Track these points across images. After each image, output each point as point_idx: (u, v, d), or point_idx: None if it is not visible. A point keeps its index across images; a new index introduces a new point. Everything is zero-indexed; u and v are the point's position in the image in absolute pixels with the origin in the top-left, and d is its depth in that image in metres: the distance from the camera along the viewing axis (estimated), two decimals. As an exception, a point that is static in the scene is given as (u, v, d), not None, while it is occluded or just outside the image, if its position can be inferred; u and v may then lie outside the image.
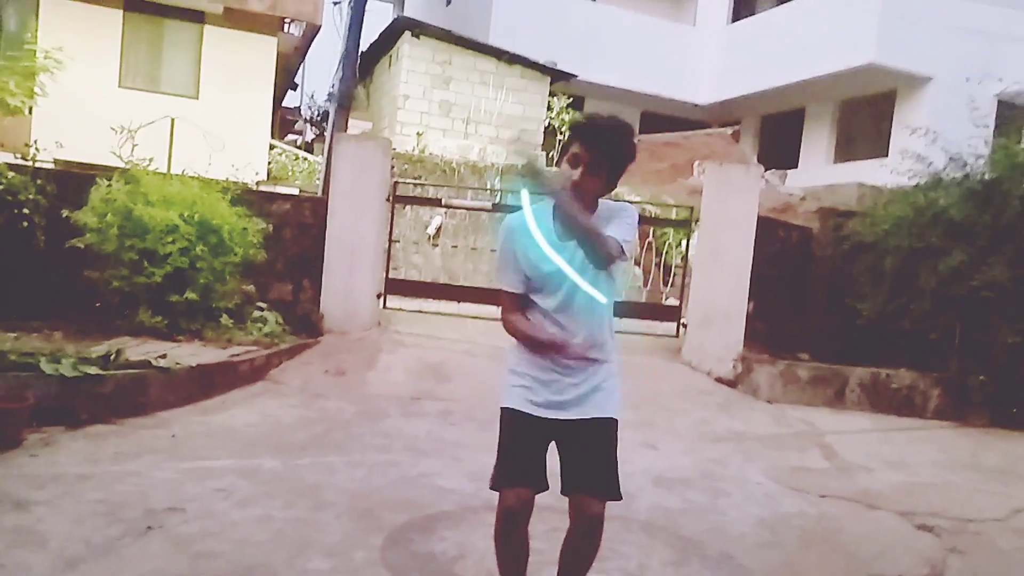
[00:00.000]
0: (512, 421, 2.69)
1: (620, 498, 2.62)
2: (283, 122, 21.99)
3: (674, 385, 7.10)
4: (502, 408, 2.73)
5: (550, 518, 3.05)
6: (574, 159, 2.49)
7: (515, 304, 2.68)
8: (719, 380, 7.49)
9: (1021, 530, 4.27)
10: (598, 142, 2.47)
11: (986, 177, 7.54)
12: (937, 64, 15.78)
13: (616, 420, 2.64)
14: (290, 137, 21.80)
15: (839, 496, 4.67)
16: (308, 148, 20.20)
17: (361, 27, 9.61)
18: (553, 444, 2.67)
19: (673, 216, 9.54)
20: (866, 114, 18.14)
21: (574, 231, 2.37)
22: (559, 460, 2.64)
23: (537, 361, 2.64)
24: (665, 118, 20.46)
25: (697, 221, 8.16)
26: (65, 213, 6.73)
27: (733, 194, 7.79)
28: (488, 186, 11.72)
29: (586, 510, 2.58)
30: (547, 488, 2.61)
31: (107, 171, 7.39)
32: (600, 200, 2.58)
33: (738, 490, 4.58)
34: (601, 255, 2.38)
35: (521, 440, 2.65)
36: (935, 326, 7.33)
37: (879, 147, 16.99)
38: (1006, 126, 8.34)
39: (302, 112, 24.78)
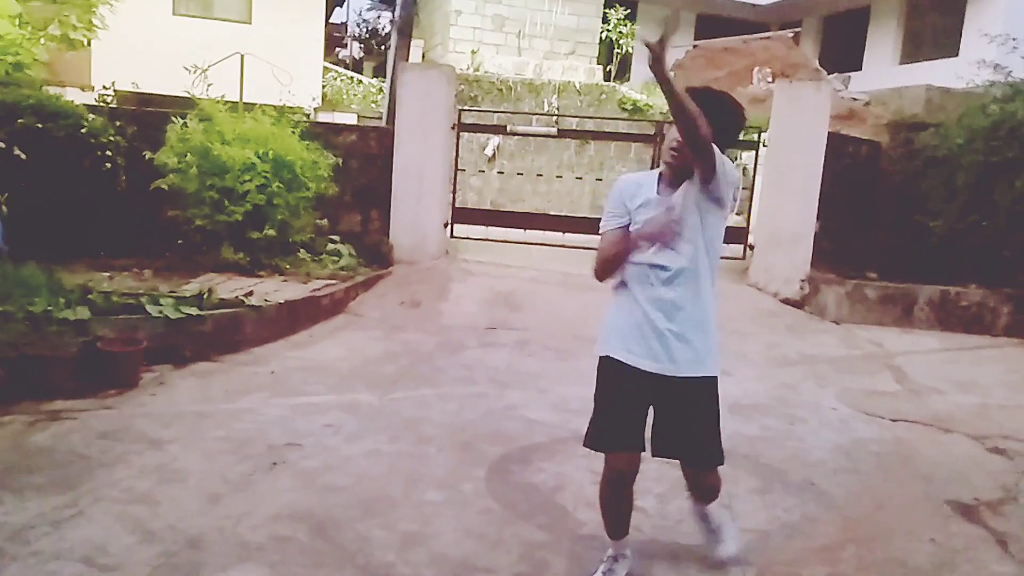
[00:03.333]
0: (611, 372, 2.69)
1: (723, 461, 2.73)
2: (330, 39, 21.87)
3: (742, 307, 7.21)
4: (600, 357, 2.73)
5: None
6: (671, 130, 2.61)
7: (615, 238, 2.70)
8: (786, 301, 7.58)
9: (1094, 452, 4.38)
10: (709, 107, 2.52)
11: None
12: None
13: (716, 378, 2.69)
14: (339, 54, 21.73)
15: (912, 420, 4.81)
16: (356, 67, 20.14)
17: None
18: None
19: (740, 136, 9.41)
20: (935, 11, 17.38)
21: (671, 96, 2.39)
22: (654, 419, 2.70)
23: (634, 309, 2.66)
24: (723, 21, 19.85)
25: (764, 140, 8.09)
26: (148, 155, 6.97)
27: (802, 112, 7.70)
28: (545, 105, 11.68)
29: (701, 482, 2.80)
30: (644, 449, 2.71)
31: (173, 102, 7.55)
32: None
33: (813, 416, 4.75)
34: (694, 128, 2.40)
35: (622, 394, 2.66)
36: (1008, 243, 7.28)
37: (949, 47, 16.34)
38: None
39: (348, 29, 24.59)
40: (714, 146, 2.46)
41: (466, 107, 9.36)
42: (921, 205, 7.99)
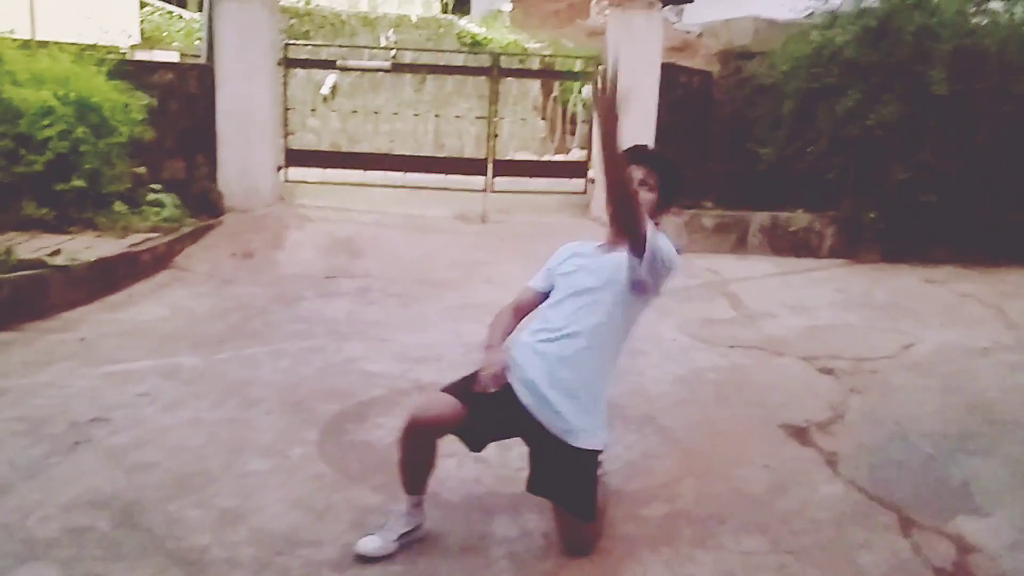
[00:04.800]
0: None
1: (593, 519, 2.57)
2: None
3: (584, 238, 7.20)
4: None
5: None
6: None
7: (521, 297, 2.85)
8: (628, 233, 7.64)
9: (910, 365, 4.64)
10: (659, 167, 2.64)
11: (879, 12, 7.62)
12: None
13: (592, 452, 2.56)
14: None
15: (747, 345, 4.95)
16: (180, 1, 18.66)
17: None
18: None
19: (576, 67, 9.34)
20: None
21: (611, 162, 2.32)
22: (529, 453, 2.62)
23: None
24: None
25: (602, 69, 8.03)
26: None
27: (636, 41, 7.66)
28: (382, 40, 11.19)
29: (569, 534, 2.59)
30: (479, 447, 2.61)
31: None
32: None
33: (654, 348, 4.79)
34: (629, 211, 2.36)
35: (492, 397, 2.51)
36: (831, 167, 7.60)
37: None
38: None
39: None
40: (654, 230, 2.41)
41: (293, 42, 8.77)
42: (751, 133, 8.21)
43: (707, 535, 2.73)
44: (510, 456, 3.21)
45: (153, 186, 7.22)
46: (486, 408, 2.49)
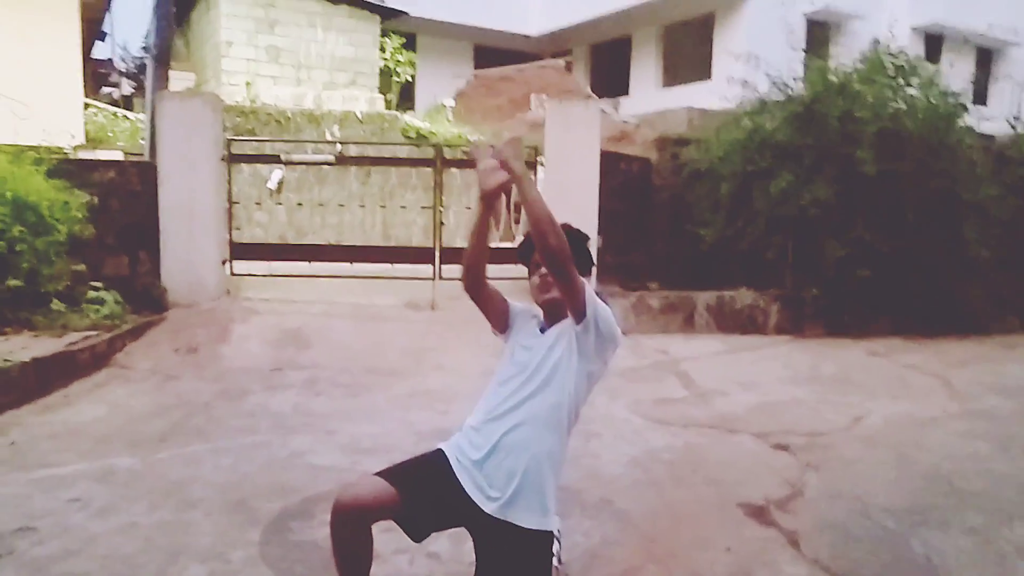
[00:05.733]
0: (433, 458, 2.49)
1: None
2: (95, 75, 20.16)
3: (535, 326, 7.20)
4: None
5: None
6: (535, 264, 2.57)
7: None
8: (577, 316, 7.66)
9: (864, 438, 4.67)
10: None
11: (805, 98, 7.97)
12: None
13: (546, 533, 2.40)
14: (105, 91, 20.12)
15: (700, 424, 4.93)
16: (127, 104, 18.72)
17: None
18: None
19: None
20: (689, 38, 18.75)
21: (529, 204, 2.31)
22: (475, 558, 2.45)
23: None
24: (499, 52, 20.43)
25: (541, 160, 8.20)
26: None
27: (575, 130, 7.87)
28: (327, 136, 11.30)
29: None
30: (419, 537, 2.44)
31: None
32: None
33: (608, 430, 4.74)
34: (550, 239, 2.29)
35: (426, 473, 2.43)
36: (771, 246, 7.79)
37: (703, 70, 17.68)
38: (816, 45, 8.83)
39: (115, 64, 22.87)
40: (588, 290, 2.38)
41: (236, 137, 8.80)
42: (691, 216, 8.41)
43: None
44: (463, 550, 3.09)
45: (94, 284, 7.06)
46: (422, 493, 2.37)
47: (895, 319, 7.70)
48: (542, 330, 2.58)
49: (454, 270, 8.02)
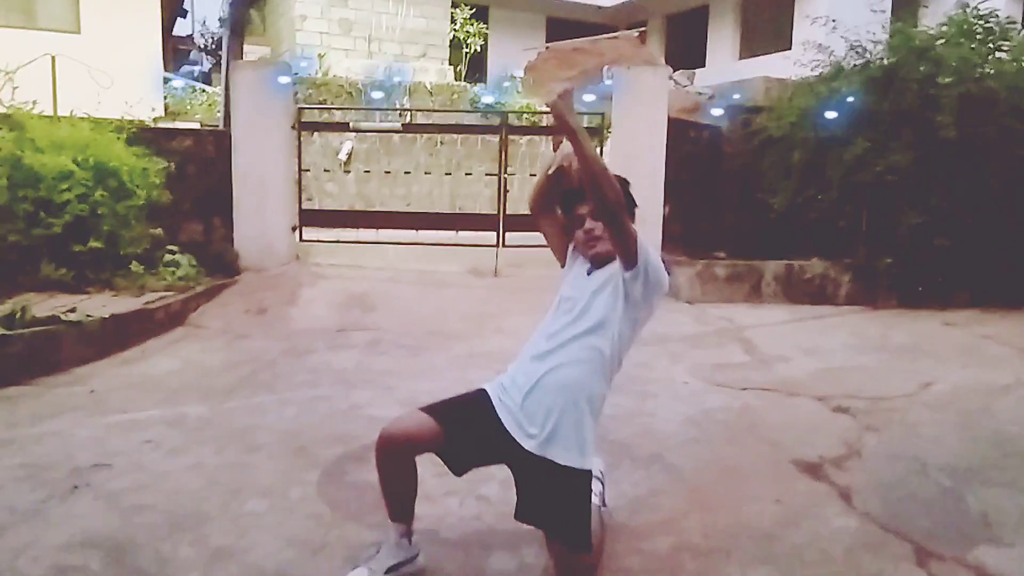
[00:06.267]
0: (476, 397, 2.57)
1: (587, 550, 2.43)
2: (176, 52, 20.84)
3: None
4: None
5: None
6: (579, 219, 2.57)
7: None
8: (641, 284, 7.61)
9: (929, 403, 4.53)
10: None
11: (885, 63, 7.69)
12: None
13: (584, 471, 2.45)
14: (185, 68, 20.74)
15: (760, 387, 4.85)
16: (205, 79, 19.27)
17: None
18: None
19: (584, 123, 9.46)
20: (768, 7, 18.22)
21: (584, 158, 2.32)
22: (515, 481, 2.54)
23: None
24: (571, 23, 20.23)
25: (609, 127, 8.14)
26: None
27: (642, 97, 7.78)
28: (397, 105, 11.41)
29: (565, 568, 2.45)
30: (461, 471, 2.54)
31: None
32: None
33: (665, 391, 4.72)
34: (608, 192, 2.31)
35: (469, 411, 2.51)
36: (843, 215, 7.58)
37: (782, 40, 17.15)
38: (902, 9, 8.49)
39: (195, 41, 23.53)
40: (640, 238, 2.40)
41: (306, 105, 8.98)
42: (762, 184, 8.23)
43: (712, 568, 2.64)
44: (512, 494, 3.13)
45: (170, 247, 7.34)
46: (464, 429, 2.44)
47: (974, 291, 7.40)
48: (588, 272, 2.58)
49: (517, 237, 8.08)
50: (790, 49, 16.39)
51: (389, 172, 9.88)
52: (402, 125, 8.51)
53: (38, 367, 4.93)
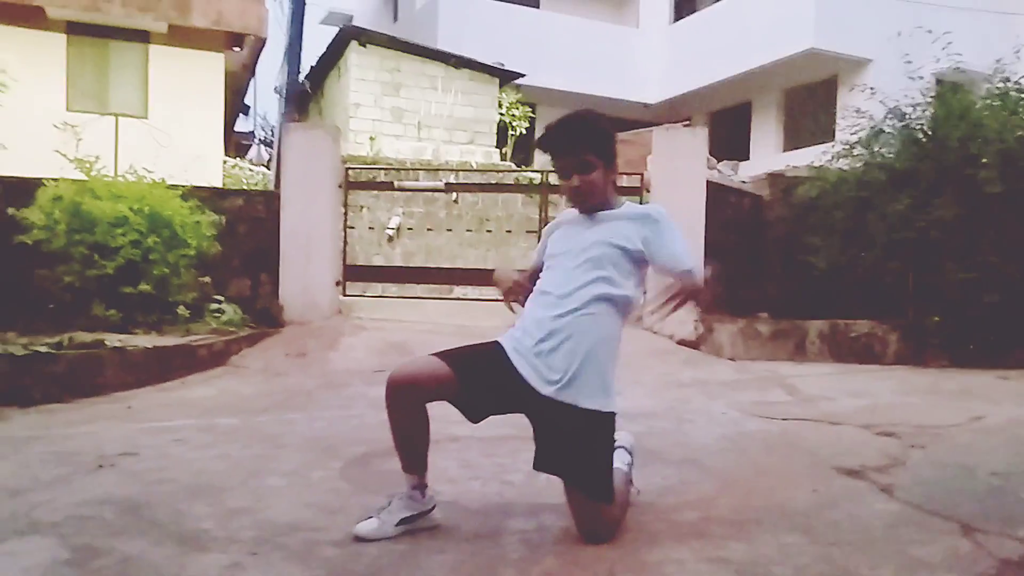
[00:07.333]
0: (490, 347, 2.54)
1: (609, 501, 2.43)
2: (237, 147, 21.82)
3: (637, 348, 7.07)
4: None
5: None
6: (561, 171, 2.59)
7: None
8: (681, 342, 7.51)
9: (979, 430, 4.32)
10: (561, 142, 2.56)
11: (924, 127, 7.71)
12: (875, 46, 15.89)
13: (604, 414, 2.45)
14: (247, 157, 21.67)
15: (801, 418, 4.69)
16: (265, 167, 20.06)
17: (303, 17, 9.62)
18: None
19: (623, 183, 9.57)
20: (810, 101, 18.48)
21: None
22: (533, 431, 2.52)
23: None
24: (617, 120, 20.62)
25: (648, 188, 8.23)
26: (11, 211, 6.62)
27: (680, 156, 7.87)
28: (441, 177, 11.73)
29: (584, 518, 2.42)
30: (476, 418, 2.52)
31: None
32: (621, 200, 2.66)
33: (702, 418, 4.60)
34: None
35: (483, 359, 2.49)
36: (888, 273, 7.44)
37: (825, 133, 17.25)
38: (945, 95, 8.49)
39: (255, 135, 24.60)
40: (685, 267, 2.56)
41: (353, 166, 9.28)
42: (804, 248, 8.15)
43: (742, 532, 2.51)
44: (537, 479, 3.05)
45: (217, 297, 7.51)
46: (478, 376, 2.41)
47: (1031, 350, 7.13)
48: (586, 225, 2.59)
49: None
50: (833, 141, 16.56)
51: (434, 247, 10.06)
52: (445, 183, 8.71)
53: (80, 388, 5.02)
